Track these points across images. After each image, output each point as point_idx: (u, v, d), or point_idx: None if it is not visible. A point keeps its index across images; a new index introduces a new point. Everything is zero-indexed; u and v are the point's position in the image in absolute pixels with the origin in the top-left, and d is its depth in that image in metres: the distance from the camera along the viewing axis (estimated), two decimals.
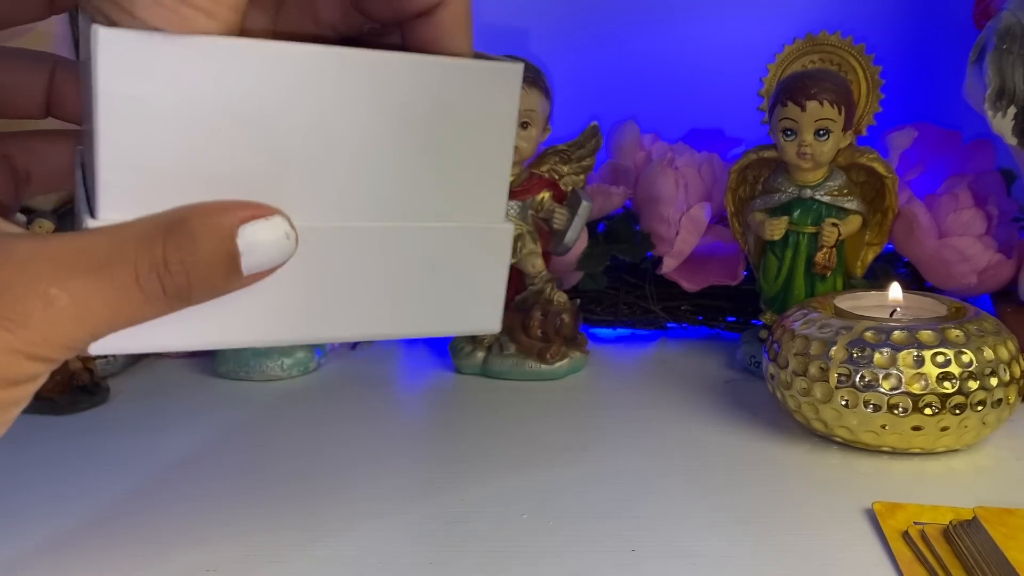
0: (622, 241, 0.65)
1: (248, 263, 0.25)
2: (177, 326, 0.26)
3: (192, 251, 0.25)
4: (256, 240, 0.25)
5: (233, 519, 0.40)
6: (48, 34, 0.59)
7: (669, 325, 0.68)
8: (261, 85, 0.25)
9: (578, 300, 0.61)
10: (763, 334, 0.58)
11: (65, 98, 0.33)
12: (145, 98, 0.24)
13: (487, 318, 0.31)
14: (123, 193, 0.25)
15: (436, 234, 0.29)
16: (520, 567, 0.35)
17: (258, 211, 0.26)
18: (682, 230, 0.62)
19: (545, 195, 0.58)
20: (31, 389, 0.26)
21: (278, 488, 0.43)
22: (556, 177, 0.59)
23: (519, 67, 0.29)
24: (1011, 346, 0.45)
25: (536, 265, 0.59)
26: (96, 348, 0.26)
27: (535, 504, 0.41)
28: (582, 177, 0.60)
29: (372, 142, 0.27)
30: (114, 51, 0.24)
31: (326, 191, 0.27)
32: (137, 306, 0.25)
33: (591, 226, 0.65)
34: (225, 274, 0.25)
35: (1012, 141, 0.52)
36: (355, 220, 0.28)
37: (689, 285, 0.64)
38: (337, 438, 0.49)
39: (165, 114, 0.25)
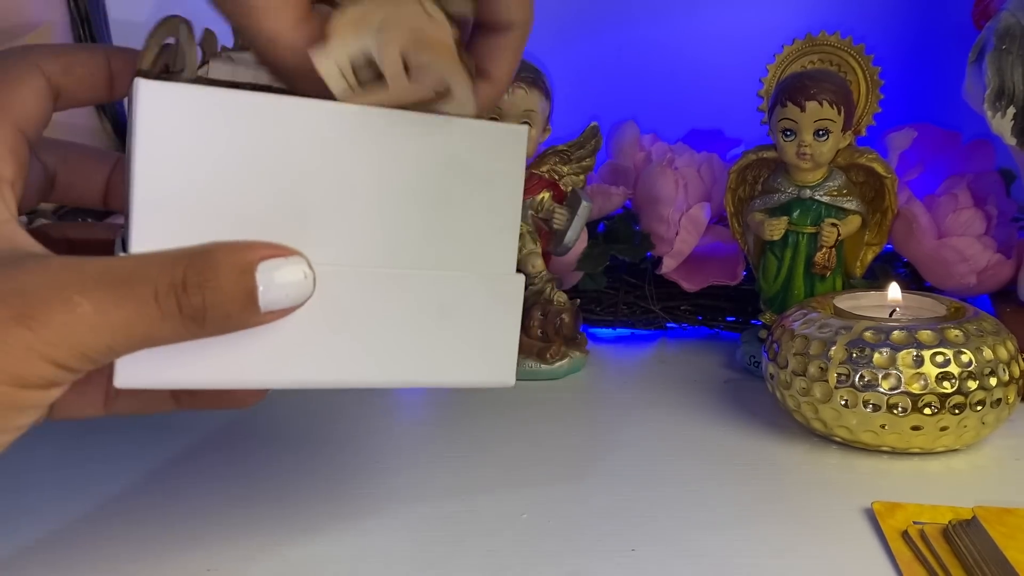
0: (622, 241, 0.65)
1: (265, 299, 0.26)
2: (197, 361, 0.28)
3: (211, 276, 0.26)
4: (275, 277, 0.26)
5: (233, 519, 0.40)
6: (49, 32, 0.59)
7: (669, 325, 0.68)
8: (286, 137, 0.28)
9: (578, 300, 0.61)
10: (763, 334, 0.58)
11: (119, 188, 0.35)
12: (178, 145, 0.27)
13: (501, 370, 0.32)
14: (153, 231, 0.27)
15: (447, 281, 0.30)
16: (520, 567, 0.35)
17: (279, 251, 0.27)
18: (682, 230, 0.62)
19: (545, 195, 0.58)
20: (43, 397, 0.26)
21: (278, 488, 0.43)
22: (556, 177, 0.59)
23: (525, 129, 0.31)
24: (1010, 346, 0.45)
25: (536, 265, 0.59)
26: (120, 381, 0.27)
27: (535, 504, 0.41)
28: (582, 177, 0.60)
29: (387, 193, 0.29)
30: (153, 102, 0.26)
31: (343, 238, 0.29)
32: (153, 322, 0.26)
33: (591, 226, 0.65)
34: (242, 305, 0.26)
35: (1011, 141, 0.52)
36: (366, 264, 0.29)
37: (689, 285, 0.65)
38: (337, 438, 0.49)
39: (196, 161, 0.27)
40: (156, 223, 0.27)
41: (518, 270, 0.32)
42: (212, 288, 0.26)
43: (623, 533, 0.38)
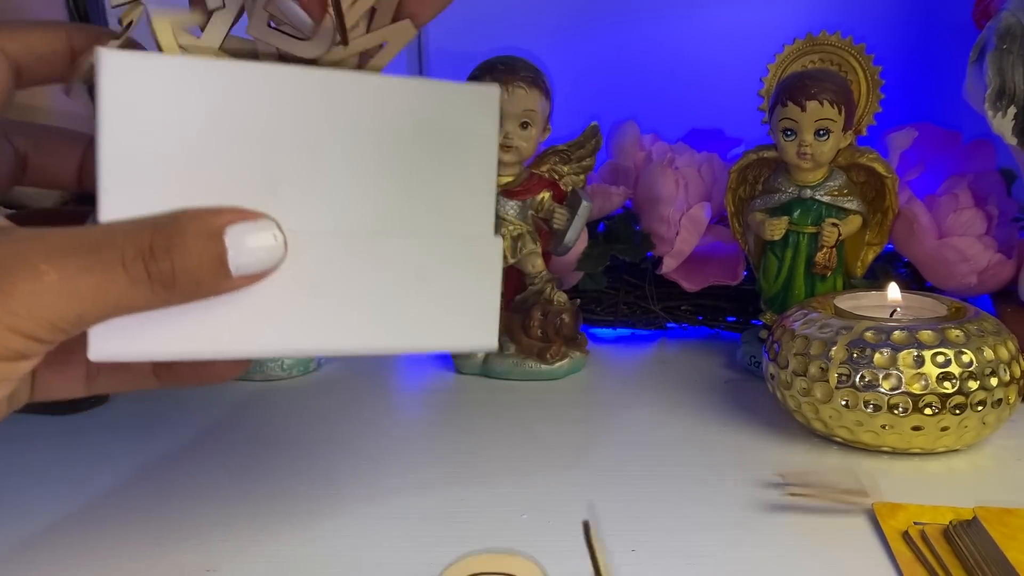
0: (622, 241, 0.65)
1: (236, 263, 0.26)
2: (171, 332, 0.27)
3: (179, 242, 0.25)
4: (244, 241, 0.26)
5: (233, 519, 0.40)
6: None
7: (669, 325, 0.68)
8: (253, 103, 0.27)
9: (578, 300, 0.61)
10: (763, 334, 0.58)
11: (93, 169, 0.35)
12: (143, 114, 0.26)
13: (482, 334, 0.32)
14: (121, 200, 0.26)
15: (424, 245, 0.30)
16: None
17: (247, 215, 0.27)
18: (682, 230, 0.62)
19: (545, 195, 0.58)
20: (13, 370, 0.26)
21: (278, 488, 0.43)
22: (556, 177, 0.59)
23: (497, 89, 0.31)
24: (1011, 346, 0.45)
25: (536, 265, 0.59)
26: (94, 353, 0.27)
27: (535, 504, 0.41)
28: (582, 177, 0.60)
29: (358, 157, 0.29)
30: (116, 71, 0.26)
31: (315, 204, 0.29)
32: (122, 288, 0.25)
33: (591, 226, 0.65)
34: (212, 270, 0.26)
35: (1012, 141, 0.52)
36: (342, 229, 0.29)
37: (689, 285, 0.65)
38: (337, 438, 0.49)
39: (162, 129, 0.27)
40: (124, 192, 0.26)
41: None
42: (180, 253, 0.25)
43: (623, 533, 0.38)
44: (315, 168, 0.28)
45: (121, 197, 0.26)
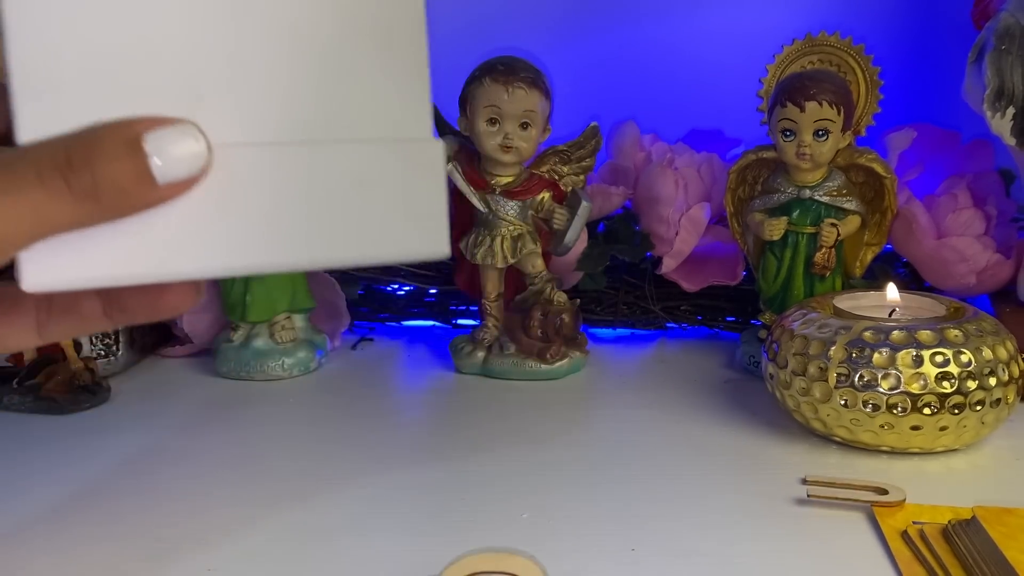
0: (622, 241, 0.65)
1: (161, 170, 0.25)
2: (104, 255, 0.26)
3: (97, 152, 0.25)
4: (165, 145, 0.26)
5: (233, 518, 0.40)
6: None
7: (669, 325, 0.68)
8: (169, 11, 0.26)
9: (578, 300, 0.61)
10: (762, 334, 0.58)
11: None
12: (53, 24, 0.25)
13: (430, 241, 0.30)
14: (38, 118, 0.26)
15: (359, 151, 0.29)
16: None
17: (165, 120, 0.26)
18: (681, 230, 0.62)
19: (545, 195, 0.58)
20: None
21: (278, 487, 0.43)
22: (556, 177, 0.59)
23: None
24: (1010, 346, 0.45)
25: (536, 265, 0.59)
26: (27, 283, 0.26)
27: (535, 504, 0.41)
28: (582, 177, 0.60)
29: (281, 62, 0.28)
30: None
31: (241, 114, 0.28)
32: (42, 204, 0.25)
33: (591, 226, 0.65)
34: (135, 179, 0.25)
35: (1011, 141, 0.52)
36: (272, 138, 0.28)
37: (688, 285, 0.65)
38: (337, 437, 0.49)
39: (74, 40, 0.26)
40: (39, 112, 0.26)
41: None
42: (100, 163, 0.25)
43: (623, 533, 0.38)
44: (238, 77, 0.27)
45: (36, 117, 0.26)
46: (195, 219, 0.27)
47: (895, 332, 0.44)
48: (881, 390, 0.43)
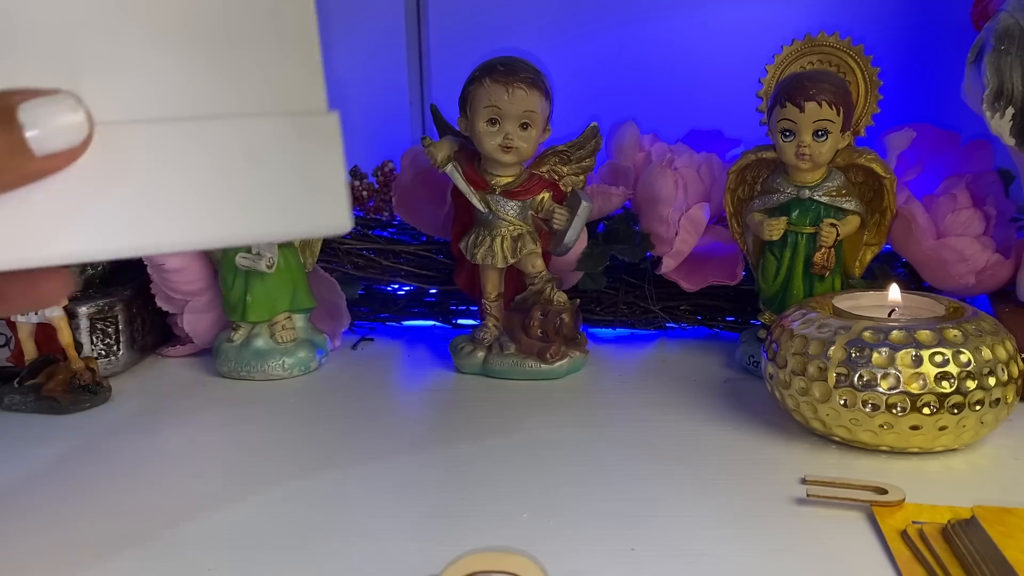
0: (622, 241, 0.65)
1: (37, 141, 0.24)
2: None
3: None
4: (41, 116, 0.25)
5: (233, 518, 0.40)
6: None
7: (668, 325, 0.68)
8: None
9: (578, 300, 0.61)
10: (762, 334, 0.58)
11: None
12: None
13: (331, 216, 0.29)
14: None
15: (251, 126, 0.28)
16: None
17: (40, 91, 0.25)
18: (681, 230, 0.62)
19: (545, 195, 0.59)
20: None
21: (278, 487, 0.43)
22: (556, 177, 0.59)
23: None
24: (1009, 346, 0.45)
25: (536, 265, 0.59)
26: None
27: (535, 504, 0.41)
28: (582, 178, 0.60)
29: (166, 36, 0.27)
30: None
31: (125, 91, 0.27)
32: None
33: (591, 226, 0.65)
34: (12, 150, 0.24)
35: (1010, 142, 0.53)
36: (156, 115, 0.27)
37: (688, 285, 0.65)
38: (337, 437, 0.49)
39: None
40: None
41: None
42: None
43: (623, 533, 0.38)
44: (120, 52, 0.26)
45: None
46: (76, 199, 0.26)
47: (894, 332, 0.44)
48: (880, 390, 0.43)
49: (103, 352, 0.59)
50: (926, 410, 0.43)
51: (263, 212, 0.28)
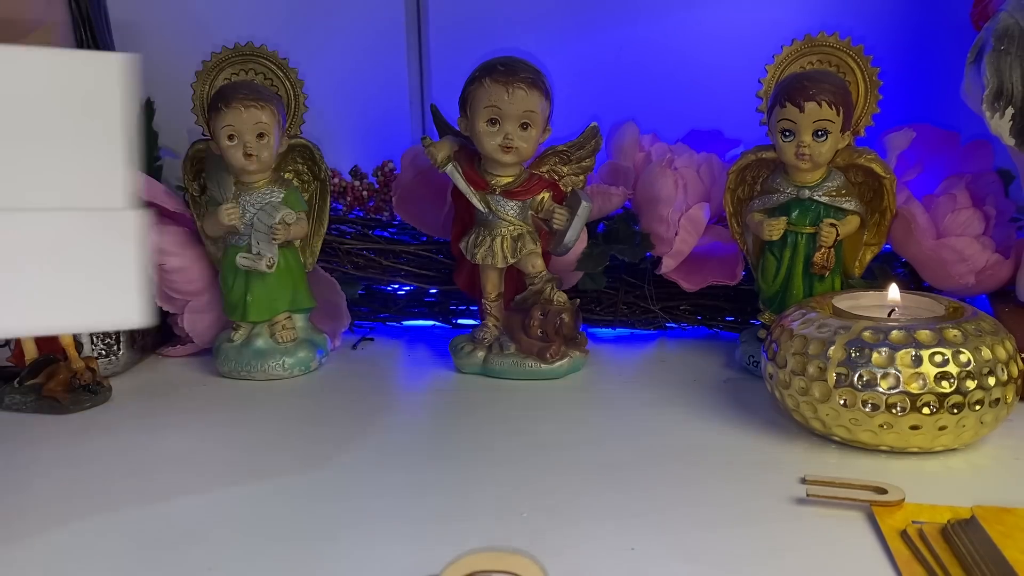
0: (622, 241, 0.65)
1: None
2: None
3: None
4: None
5: (233, 517, 0.40)
6: (49, 33, 0.59)
7: (668, 325, 0.68)
8: None
9: (578, 300, 0.61)
10: (762, 334, 0.58)
11: None
12: None
13: (125, 310, 0.30)
14: None
15: (55, 220, 0.29)
16: None
17: None
18: (681, 230, 0.63)
19: (545, 195, 0.59)
20: None
21: (278, 486, 0.43)
22: (556, 177, 0.59)
23: (124, 58, 0.29)
24: (1009, 346, 0.45)
25: (536, 265, 0.59)
26: None
27: (535, 503, 0.41)
28: (582, 178, 0.60)
29: None
30: None
31: None
32: None
33: (591, 226, 0.65)
34: None
35: (1010, 142, 0.53)
36: None
37: (688, 285, 0.65)
38: (338, 437, 0.49)
39: None
40: None
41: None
42: None
43: (623, 532, 0.38)
44: None
45: None
46: None
47: (894, 332, 0.44)
48: (880, 390, 0.43)
49: (103, 352, 0.59)
50: (926, 410, 0.43)
51: (60, 304, 0.29)
